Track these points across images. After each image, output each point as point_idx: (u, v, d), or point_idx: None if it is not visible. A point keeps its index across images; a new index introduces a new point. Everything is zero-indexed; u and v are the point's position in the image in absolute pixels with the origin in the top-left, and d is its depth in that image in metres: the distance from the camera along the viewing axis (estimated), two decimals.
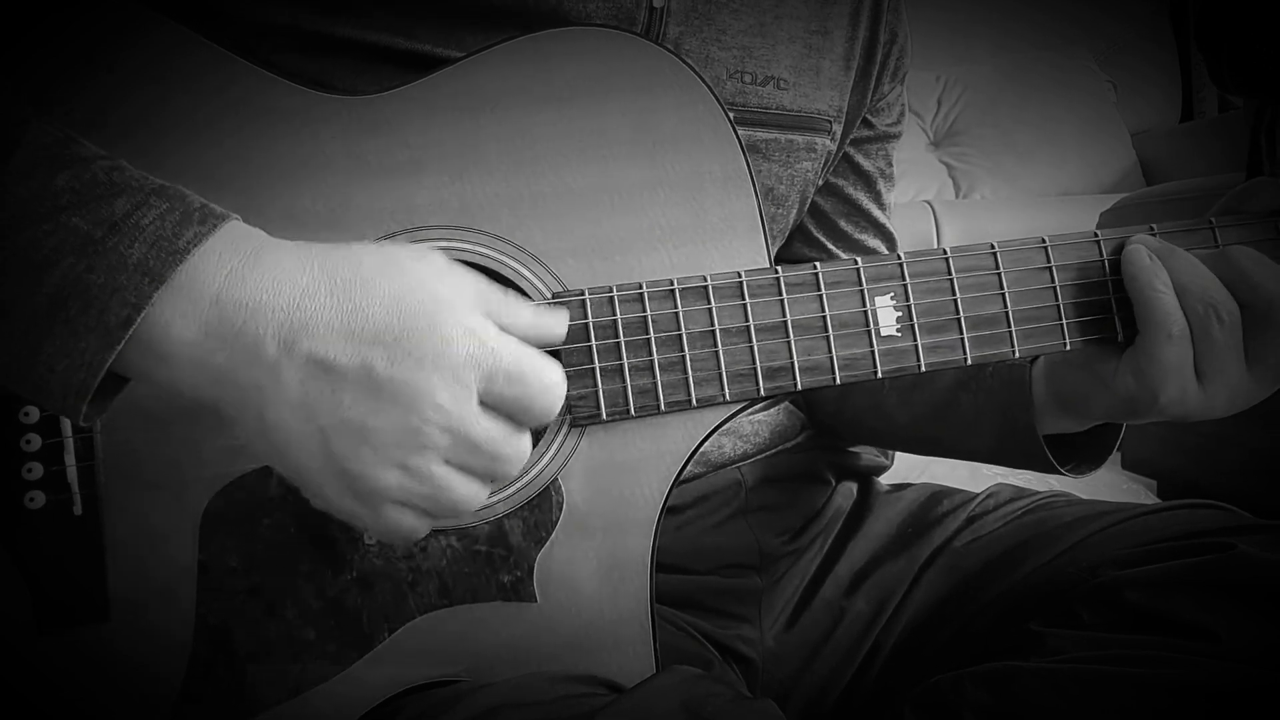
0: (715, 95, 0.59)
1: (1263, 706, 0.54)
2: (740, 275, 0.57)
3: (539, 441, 0.56)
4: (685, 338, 0.57)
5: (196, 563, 0.55)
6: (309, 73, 0.57)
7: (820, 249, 0.82)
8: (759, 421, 0.79)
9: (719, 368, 0.57)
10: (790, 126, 0.72)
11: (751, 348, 0.57)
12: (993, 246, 0.60)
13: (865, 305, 0.58)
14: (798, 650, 0.75)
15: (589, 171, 0.58)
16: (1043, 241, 0.60)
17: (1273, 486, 1.34)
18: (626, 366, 0.56)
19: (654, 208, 0.58)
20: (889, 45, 0.78)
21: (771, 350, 0.57)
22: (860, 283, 0.58)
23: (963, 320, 0.59)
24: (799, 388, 0.58)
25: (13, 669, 0.53)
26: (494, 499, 0.56)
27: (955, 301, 0.59)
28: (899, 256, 0.59)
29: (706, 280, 0.57)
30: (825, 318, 0.58)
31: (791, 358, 0.58)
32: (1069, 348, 0.60)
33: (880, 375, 0.58)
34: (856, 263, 0.58)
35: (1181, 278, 0.57)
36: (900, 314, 0.59)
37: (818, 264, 0.58)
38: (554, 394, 0.49)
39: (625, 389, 0.56)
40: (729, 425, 0.67)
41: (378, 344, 0.46)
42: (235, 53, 0.56)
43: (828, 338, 0.58)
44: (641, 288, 0.57)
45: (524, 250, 0.57)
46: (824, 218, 0.82)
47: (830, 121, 0.75)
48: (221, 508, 0.55)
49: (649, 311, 0.57)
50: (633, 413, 0.57)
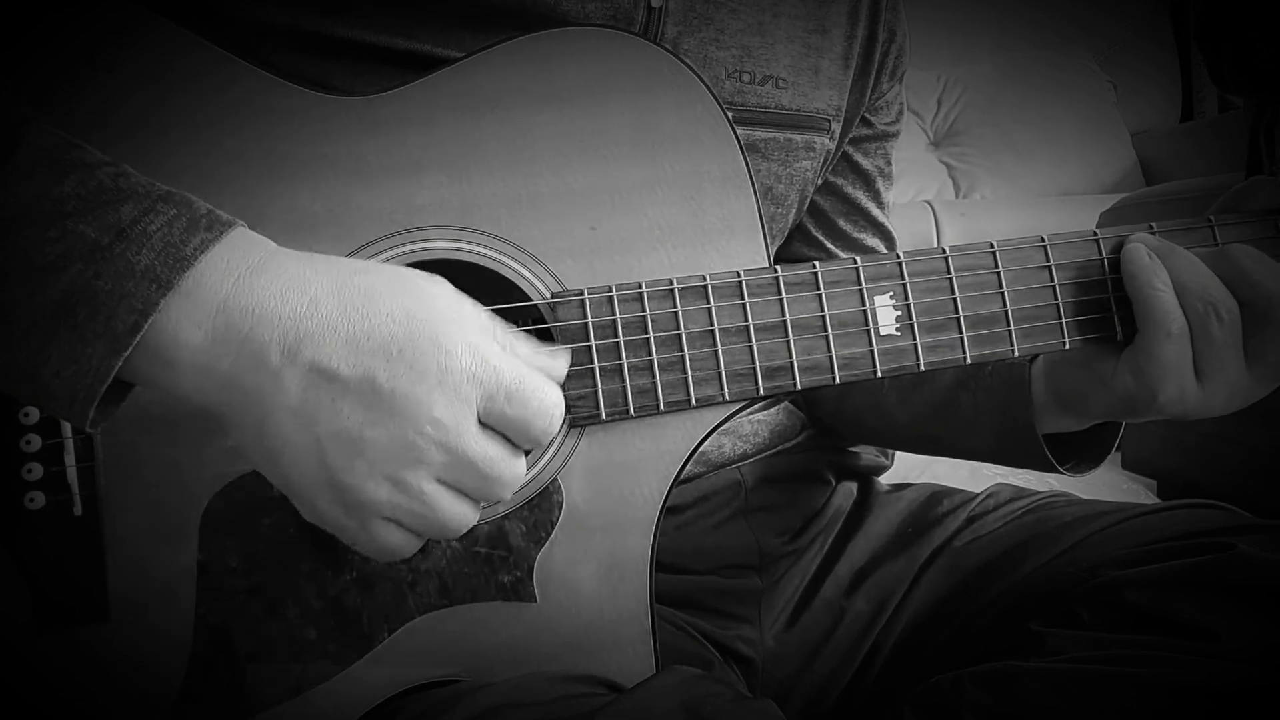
0: (714, 95, 0.59)
1: (1263, 706, 0.54)
2: (739, 275, 0.57)
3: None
4: (684, 337, 0.57)
5: (196, 563, 0.55)
6: (309, 73, 0.57)
7: (819, 248, 0.82)
8: (759, 421, 0.79)
9: (718, 367, 0.57)
10: (789, 125, 0.72)
11: (751, 347, 0.57)
12: (992, 246, 0.60)
13: (864, 304, 0.58)
14: (798, 650, 0.75)
15: (588, 171, 0.58)
16: (1042, 240, 0.60)
17: (1273, 486, 1.34)
18: (626, 366, 0.56)
19: (653, 207, 0.58)
20: (887, 44, 0.78)
21: (771, 350, 0.57)
22: (859, 282, 0.58)
23: (962, 319, 0.59)
24: (798, 387, 0.58)
25: (13, 669, 0.53)
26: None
27: (954, 301, 0.59)
28: (898, 256, 0.59)
29: (705, 280, 0.57)
30: (824, 317, 0.58)
31: (791, 357, 0.57)
32: (1068, 347, 0.60)
33: (879, 374, 0.58)
34: (856, 262, 0.58)
35: (1181, 276, 0.57)
36: (899, 313, 0.59)
37: (817, 263, 0.58)
38: (553, 417, 0.49)
39: (624, 389, 0.56)
40: (728, 425, 0.67)
41: (381, 355, 0.45)
42: (235, 53, 0.56)
43: (827, 337, 0.58)
44: (641, 287, 0.57)
45: (523, 250, 0.57)
46: (823, 217, 0.82)
47: (829, 120, 0.75)
48: (221, 508, 0.55)
49: (648, 311, 0.57)
50: (632, 412, 0.57)
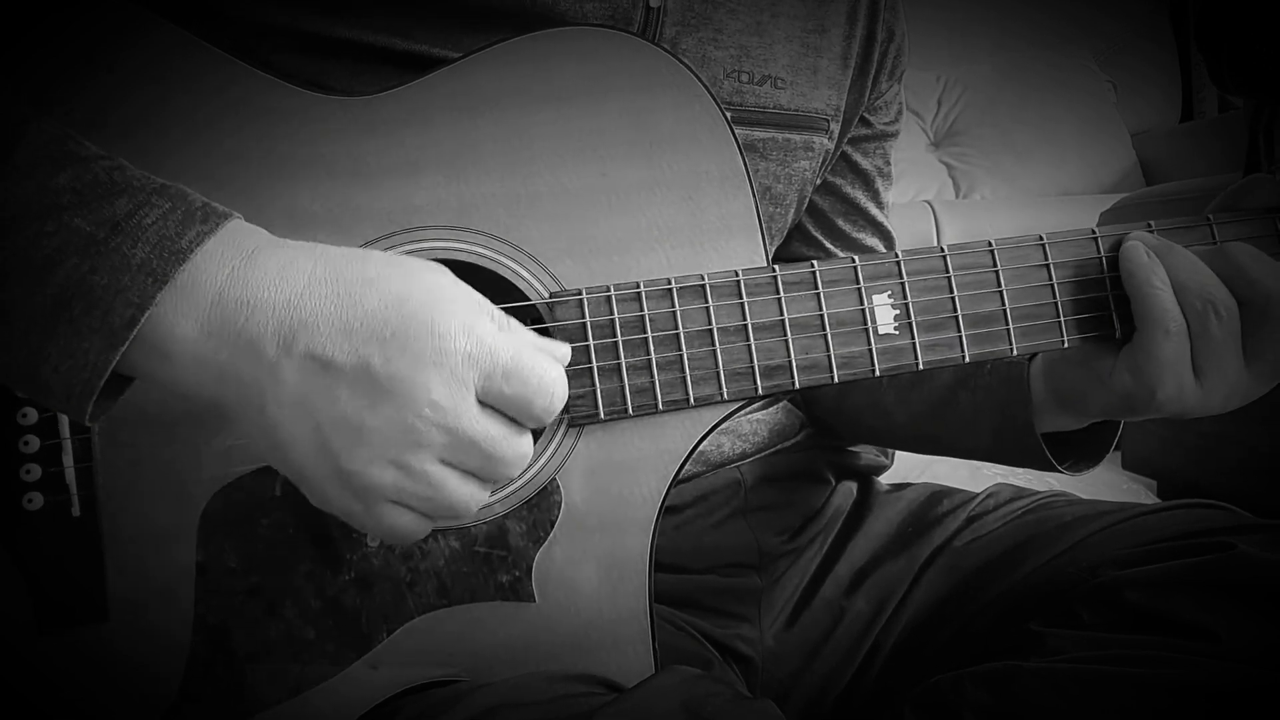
0: (712, 95, 0.59)
1: (1263, 706, 0.53)
2: (737, 274, 0.57)
3: (537, 442, 0.56)
4: (683, 337, 0.57)
5: (195, 563, 0.55)
6: (308, 73, 0.57)
7: (818, 248, 0.82)
8: (758, 420, 0.79)
9: (717, 367, 0.57)
10: (788, 125, 0.72)
11: (749, 346, 0.57)
12: (990, 244, 0.60)
13: (863, 304, 0.58)
14: (797, 650, 0.74)
15: (586, 171, 0.58)
16: (1040, 239, 0.60)
17: (1273, 486, 1.33)
18: (624, 366, 0.56)
19: (651, 207, 0.58)
20: (886, 44, 0.78)
21: (769, 349, 0.57)
22: (858, 281, 0.58)
23: (960, 318, 0.59)
24: (797, 386, 0.58)
25: (13, 669, 0.53)
26: (493, 499, 0.56)
27: (953, 300, 0.59)
28: (896, 255, 0.59)
29: (704, 279, 0.57)
30: (823, 316, 0.58)
31: (789, 356, 0.57)
32: (1067, 345, 0.60)
33: (878, 373, 0.58)
34: (854, 261, 0.58)
35: (1179, 274, 0.57)
36: (898, 312, 0.58)
37: (815, 262, 0.58)
38: (554, 392, 0.48)
39: (623, 388, 0.56)
40: (727, 424, 0.67)
41: (376, 341, 0.45)
42: (234, 54, 0.56)
43: (825, 336, 0.58)
44: (639, 287, 0.57)
45: (521, 250, 0.57)
46: (822, 217, 0.82)
47: (828, 120, 0.75)
48: (220, 508, 0.55)
49: (646, 311, 0.57)
50: (630, 412, 0.57)
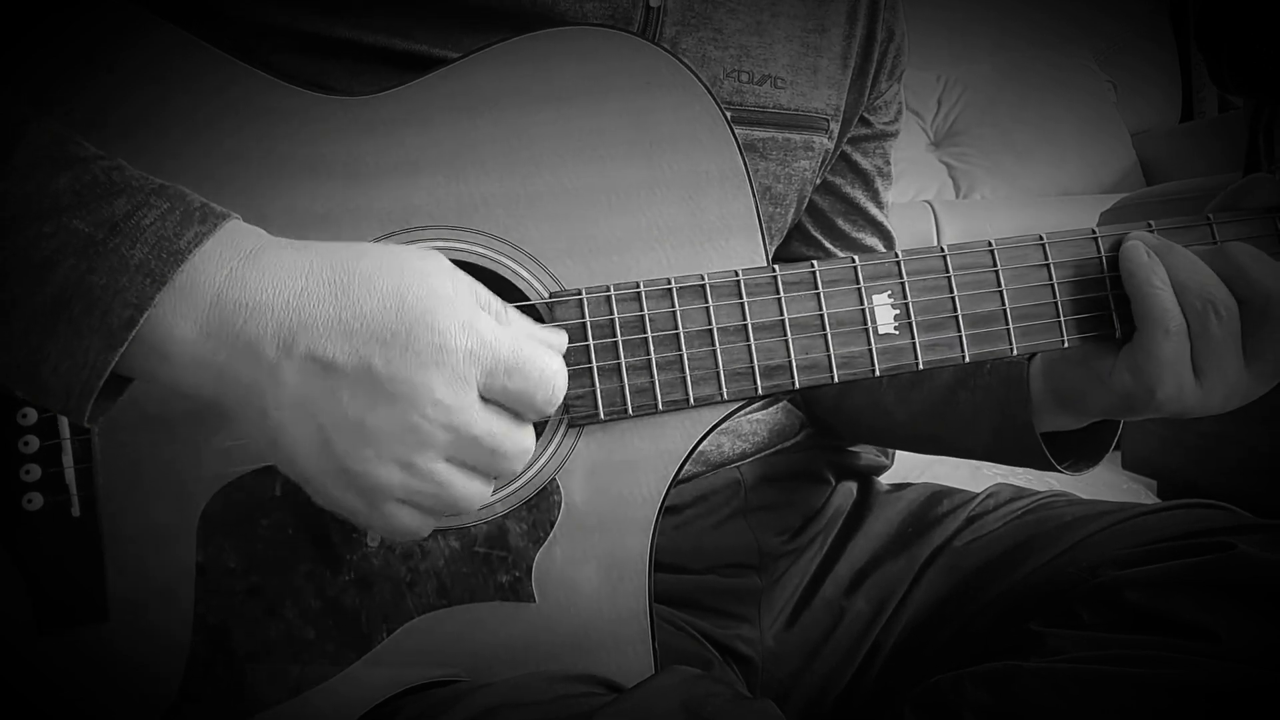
0: (712, 95, 0.58)
1: (1263, 706, 0.53)
2: (737, 274, 0.57)
3: (537, 442, 0.56)
4: (682, 336, 0.57)
5: (195, 563, 0.55)
6: (307, 74, 0.57)
7: (818, 248, 0.82)
8: (758, 420, 0.79)
9: (716, 366, 0.57)
10: (787, 125, 0.72)
11: (749, 346, 0.57)
12: (990, 244, 0.60)
13: (863, 303, 0.58)
14: (797, 650, 0.74)
15: (586, 171, 0.58)
16: (1040, 239, 0.60)
17: (1273, 486, 1.33)
18: (624, 366, 0.56)
19: (651, 207, 0.58)
20: (886, 43, 0.78)
21: (769, 349, 0.57)
22: (858, 281, 0.58)
23: (960, 318, 0.59)
24: (797, 386, 0.58)
25: (13, 669, 0.53)
26: (493, 498, 0.56)
27: (953, 299, 0.59)
28: (896, 255, 0.59)
29: (704, 279, 0.57)
30: (823, 316, 0.58)
31: (789, 356, 0.57)
32: (1067, 345, 0.60)
33: (878, 373, 0.58)
34: (854, 261, 0.58)
35: (1179, 274, 0.57)
36: (898, 312, 0.58)
37: (815, 262, 0.58)
38: (554, 384, 0.49)
39: (622, 388, 0.56)
40: (727, 424, 0.67)
41: (376, 341, 0.45)
42: (234, 54, 0.56)
43: (825, 336, 0.58)
44: (639, 287, 0.57)
45: (521, 250, 0.57)
46: (822, 216, 0.82)
47: (828, 120, 0.75)
48: (220, 509, 0.55)
49: (646, 311, 0.57)
50: (630, 412, 0.57)
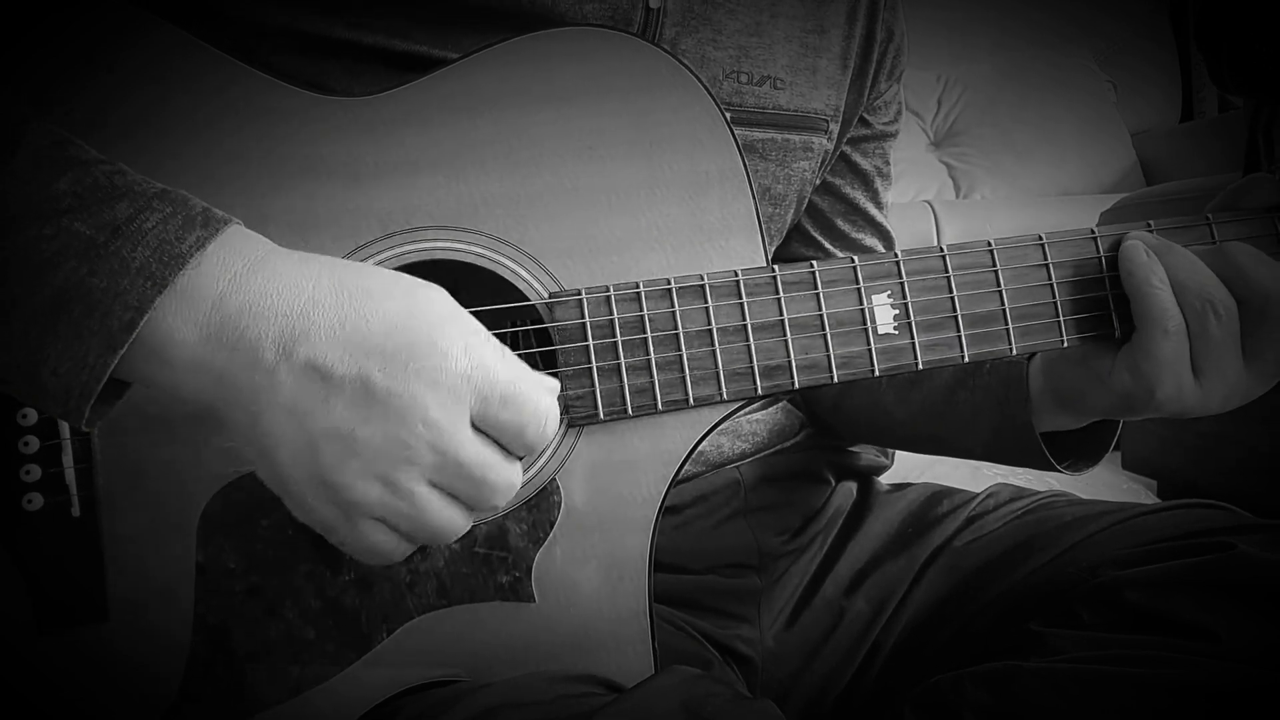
0: (712, 95, 0.59)
1: (1263, 706, 0.53)
2: (737, 274, 0.57)
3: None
4: (682, 337, 0.57)
5: (195, 563, 0.55)
6: (307, 74, 0.57)
7: (818, 248, 0.82)
8: (757, 421, 0.79)
9: (716, 367, 0.57)
10: (787, 126, 0.72)
11: (749, 346, 0.57)
12: (990, 244, 0.60)
13: (862, 303, 0.58)
14: (797, 650, 0.74)
15: (586, 171, 0.58)
16: (1040, 239, 0.60)
17: (1273, 486, 1.33)
18: (624, 366, 0.56)
19: (651, 208, 0.58)
20: (885, 44, 0.78)
21: (769, 349, 0.57)
22: (857, 281, 0.58)
23: (960, 318, 0.59)
24: (796, 386, 0.58)
25: (13, 669, 0.53)
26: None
27: (952, 299, 0.59)
28: (896, 255, 0.59)
29: (703, 279, 0.57)
30: (822, 316, 0.58)
31: (789, 356, 0.57)
32: (1066, 345, 0.60)
33: (878, 373, 0.58)
34: (854, 261, 0.58)
35: (1178, 274, 0.57)
36: (897, 312, 0.59)
37: (814, 262, 0.58)
38: (547, 420, 0.48)
39: (622, 388, 0.56)
40: (727, 424, 0.67)
41: (377, 355, 0.45)
42: (234, 54, 0.56)
43: (825, 336, 0.58)
44: (638, 287, 0.57)
45: (521, 250, 0.57)
46: (821, 217, 0.82)
47: (827, 121, 0.75)
48: (220, 509, 0.55)
49: (645, 311, 0.57)
50: (630, 412, 0.57)
